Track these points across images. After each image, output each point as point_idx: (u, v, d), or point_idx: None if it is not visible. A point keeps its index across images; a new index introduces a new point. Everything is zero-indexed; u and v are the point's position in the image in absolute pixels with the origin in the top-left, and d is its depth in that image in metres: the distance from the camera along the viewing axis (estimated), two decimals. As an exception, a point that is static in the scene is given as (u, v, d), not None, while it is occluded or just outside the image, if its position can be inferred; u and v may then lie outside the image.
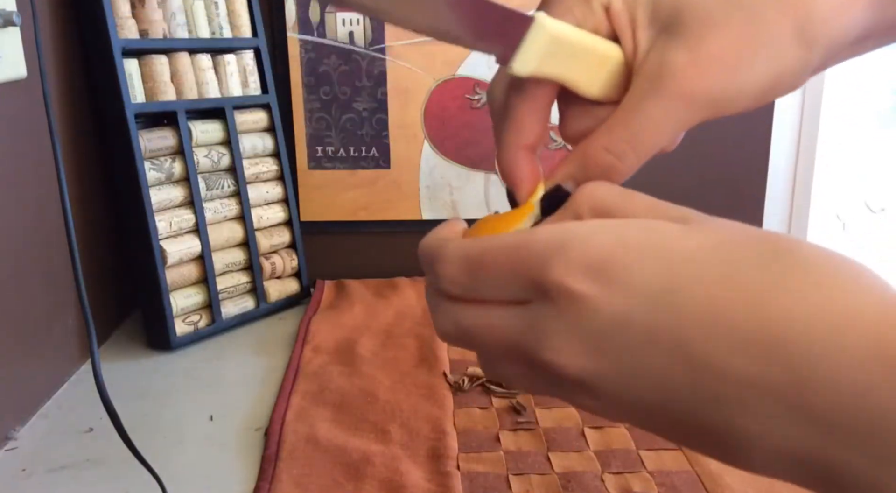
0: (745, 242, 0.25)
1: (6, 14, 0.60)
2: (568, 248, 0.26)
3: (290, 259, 0.93)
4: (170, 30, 0.81)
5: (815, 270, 0.24)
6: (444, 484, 0.55)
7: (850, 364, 0.22)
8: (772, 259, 0.24)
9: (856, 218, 1.14)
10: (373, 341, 0.80)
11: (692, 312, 0.24)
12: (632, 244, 0.25)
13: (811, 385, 0.22)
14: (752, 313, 0.23)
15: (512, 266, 0.27)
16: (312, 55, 0.96)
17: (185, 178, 0.82)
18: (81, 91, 0.79)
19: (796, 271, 0.24)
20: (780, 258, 0.24)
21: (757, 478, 0.56)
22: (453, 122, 0.98)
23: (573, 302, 0.25)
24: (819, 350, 0.22)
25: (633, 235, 0.26)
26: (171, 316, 0.80)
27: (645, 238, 0.26)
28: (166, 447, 0.63)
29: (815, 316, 0.23)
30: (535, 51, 0.31)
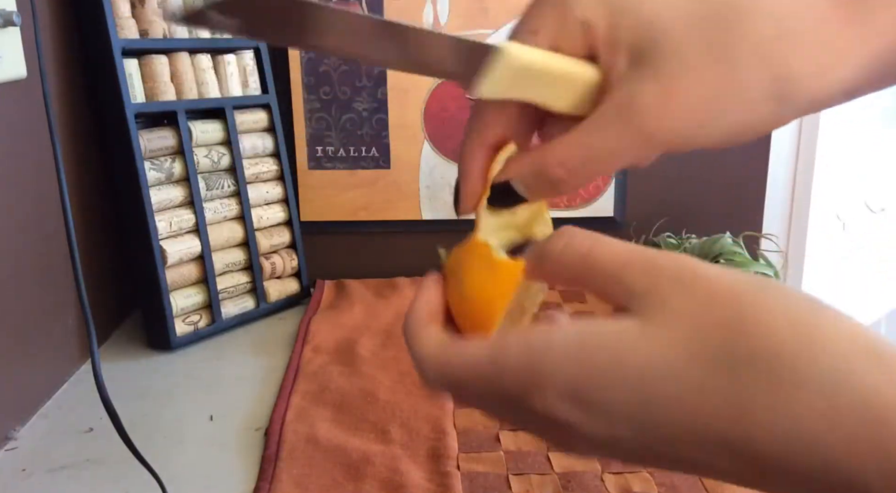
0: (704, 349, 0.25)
1: (6, 14, 0.60)
2: (542, 380, 0.26)
3: (290, 259, 0.93)
4: (170, 30, 0.81)
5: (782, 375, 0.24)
6: (444, 484, 0.55)
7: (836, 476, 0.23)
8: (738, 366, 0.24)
9: (856, 218, 1.14)
10: (373, 341, 0.80)
11: (671, 432, 0.25)
12: (598, 370, 0.26)
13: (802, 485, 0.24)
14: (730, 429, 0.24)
15: (492, 395, 0.28)
16: (312, 55, 0.96)
17: (185, 178, 0.82)
18: (81, 91, 0.79)
19: (763, 381, 0.24)
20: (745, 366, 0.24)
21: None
22: (453, 122, 0.98)
23: (563, 427, 0.27)
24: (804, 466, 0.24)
25: (600, 360, 0.26)
26: (171, 316, 0.80)
27: (610, 362, 0.26)
28: (166, 447, 0.63)
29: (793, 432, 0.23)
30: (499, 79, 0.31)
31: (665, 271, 0.26)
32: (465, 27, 0.95)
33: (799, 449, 0.23)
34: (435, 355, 0.30)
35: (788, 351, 0.24)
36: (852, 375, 0.23)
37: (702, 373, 0.25)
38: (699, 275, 0.26)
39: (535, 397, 0.27)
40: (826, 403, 0.23)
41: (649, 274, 0.27)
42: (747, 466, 0.25)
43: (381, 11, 0.94)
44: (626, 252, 0.28)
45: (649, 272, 0.27)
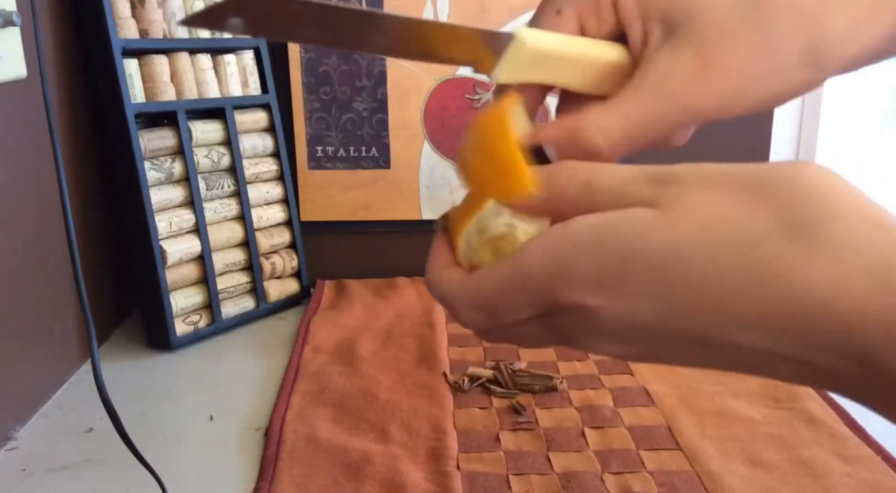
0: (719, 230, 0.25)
1: (6, 14, 0.60)
2: (565, 272, 0.27)
3: (290, 259, 0.93)
4: (170, 30, 0.81)
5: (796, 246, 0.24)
6: (444, 484, 0.55)
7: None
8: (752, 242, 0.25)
9: (856, 218, 1.14)
10: (373, 341, 0.80)
11: (690, 309, 0.26)
12: (617, 254, 0.26)
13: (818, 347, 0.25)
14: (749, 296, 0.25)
15: (522, 300, 0.28)
16: (312, 55, 0.96)
17: (185, 178, 0.82)
18: (81, 91, 0.79)
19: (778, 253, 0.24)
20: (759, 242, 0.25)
21: (756, 478, 0.56)
22: (453, 122, 0.98)
23: (590, 313, 0.27)
24: (815, 331, 0.24)
25: (614, 243, 0.26)
26: (171, 316, 0.80)
27: (626, 244, 0.26)
28: (166, 447, 0.63)
29: (807, 298, 0.24)
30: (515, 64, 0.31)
31: (672, 176, 0.27)
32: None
33: (811, 313, 0.24)
34: (459, 288, 0.30)
35: (804, 221, 0.24)
36: (867, 243, 0.24)
37: (720, 252, 0.25)
38: (710, 173, 0.26)
39: (560, 290, 0.27)
40: (839, 269, 0.24)
41: (655, 179, 0.27)
42: (761, 338, 0.25)
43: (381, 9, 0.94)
44: (628, 170, 0.28)
45: (654, 180, 0.27)
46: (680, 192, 0.26)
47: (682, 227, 0.25)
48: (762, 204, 0.25)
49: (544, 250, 0.27)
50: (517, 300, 0.28)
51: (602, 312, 0.27)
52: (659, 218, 0.26)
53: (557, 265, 0.27)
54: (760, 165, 0.26)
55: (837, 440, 0.60)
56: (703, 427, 0.63)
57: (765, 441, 0.61)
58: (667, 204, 0.26)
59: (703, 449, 0.60)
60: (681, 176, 0.26)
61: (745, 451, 0.60)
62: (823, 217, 0.24)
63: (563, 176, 0.29)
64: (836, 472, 0.56)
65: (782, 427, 0.63)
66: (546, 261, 0.27)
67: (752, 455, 0.59)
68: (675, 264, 0.25)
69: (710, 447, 0.60)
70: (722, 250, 0.25)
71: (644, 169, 0.27)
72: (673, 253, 0.25)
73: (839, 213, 0.24)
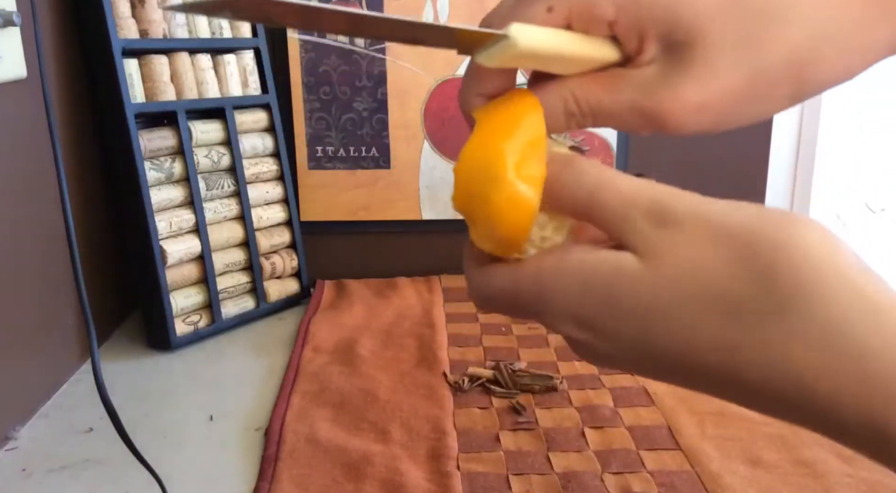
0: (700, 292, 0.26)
1: (6, 14, 0.60)
2: (550, 305, 0.29)
3: (290, 259, 0.93)
4: (170, 30, 0.81)
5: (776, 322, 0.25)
6: (444, 484, 0.55)
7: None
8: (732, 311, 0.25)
9: (856, 218, 1.14)
10: (373, 341, 0.80)
11: (668, 360, 0.27)
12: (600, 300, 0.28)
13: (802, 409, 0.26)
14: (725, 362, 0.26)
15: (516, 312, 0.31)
16: (312, 55, 0.96)
17: (185, 178, 0.82)
18: (81, 91, 0.79)
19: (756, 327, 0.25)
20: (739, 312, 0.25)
21: (756, 477, 0.56)
22: (453, 122, 0.98)
23: (573, 341, 0.30)
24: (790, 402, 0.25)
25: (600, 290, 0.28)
26: (171, 316, 0.80)
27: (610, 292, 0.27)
28: (166, 447, 0.63)
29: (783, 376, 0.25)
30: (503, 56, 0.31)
31: (672, 213, 0.27)
32: (465, 27, 0.95)
33: (787, 390, 0.25)
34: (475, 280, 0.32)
35: (783, 299, 0.25)
36: (845, 326, 0.24)
37: (696, 317, 0.26)
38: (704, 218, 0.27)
39: (544, 317, 0.29)
40: (817, 353, 0.24)
41: (656, 217, 0.27)
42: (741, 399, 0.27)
43: (380, 10, 0.94)
44: (631, 191, 0.28)
45: (656, 215, 0.27)
46: (672, 242, 0.27)
47: (664, 283, 0.26)
48: (746, 271, 0.25)
49: (537, 275, 0.29)
50: (512, 310, 0.31)
51: (585, 344, 0.29)
52: (646, 272, 0.27)
53: (546, 296, 0.29)
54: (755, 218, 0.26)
55: (837, 440, 0.60)
56: (703, 427, 0.63)
57: (765, 441, 0.61)
58: (656, 255, 0.27)
59: (703, 449, 0.60)
60: (678, 219, 0.27)
61: (745, 451, 0.60)
62: (808, 293, 0.24)
63: (573, 176, 0.29)
64: (836, 472, 0.56)
65: (782, 427, 0.63)
66: (536, 288, 0.29)
67: (752, 455, 0.59)
68: (652, 319, 0.27)
69: (710, 447, 0.60)
70: (702, 315, 0.26)
71: (648, 194, 0.28)
72: (654, 311, 0.26)
73: (826, 289, 0.24)
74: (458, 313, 0.88)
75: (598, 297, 0.27)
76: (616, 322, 0.27)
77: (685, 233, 0.26)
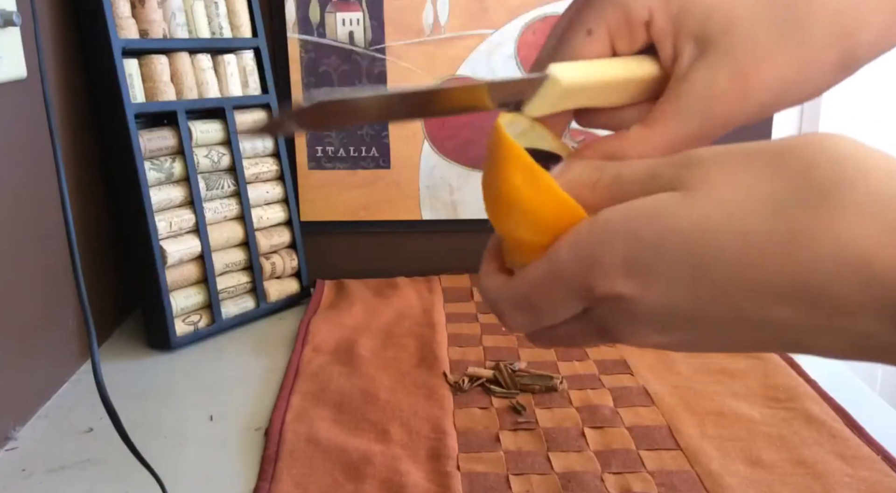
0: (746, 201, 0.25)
1: (6, 14, 0.60)
2: (596, 262, 0.27)
3: (290, 259, 0.93)
4: (170, 30, 0.81)
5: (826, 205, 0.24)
6: (444, 484, 0.55)
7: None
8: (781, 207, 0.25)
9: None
10: (373, 341, 0.80)
11: (725, 287, 0.26)
12: (646, 238, 0.26)
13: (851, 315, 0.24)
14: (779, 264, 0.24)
15: (559, 295, 0.29)
16: (312, 55, 0.96)
17: (185, 178, 0.82)
18: (81, 91, 0.79)
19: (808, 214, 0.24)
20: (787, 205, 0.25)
21: (756, 477, 0.56)
22: (453, 122, 0.98)
23: (625, 301, 0.27)
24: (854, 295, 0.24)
25: (644, 229, 0.26)
26: (171, 316, 0.80)
27: (655, 228, 0.26)
28: (166, 447, 0.63)
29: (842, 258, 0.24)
30: (548, 100, 0.31)
31: (699, 156, 0.27)
32: (465, 27, 0.95)
33: (844, 274, 0.24)
34: (503, 290, 0.31)
35: (829, 181, 0.24)
36: (891, 200, 0.24)
37: (746, 224, 0.25)
38: (731, 151, 0.27)
39: (593, 280, 0.27)
40: (869, 225, 0.23)
41: (679, 162, 0.27)
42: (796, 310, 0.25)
43: (381, 12, 0.94)
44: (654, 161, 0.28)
45: (677, 163, 0.27)
46: (702, 172, 0.26)
47: (706, 205, 0.26)
48: (784, 171, 0.25)
49: (575, 242, 0.28)
50: (555, 296, 0.29)
51: (637, 299, 0.27)
52: (684, 199, 0.26)
53: (588, 256, 0.27)
54: (780, 139, 0.26)
55: (837, 440, 0.60)
56: (703, 427, 0.63)
57: (765, 441, 0.61)
58: (690, 185, 0.26)
59: (703, 449, 0.60)
60: (702, 157, 0.27)
61: (745, 451, 0.60)
62: (848, 176, 0.24)
63: (595, 173, 0.29)
64: (836, 472, 0.56)
65: (782, 427, 0.63)
66: (577, 253, 0.28)
67: (752, 455, 0.59)
68: (703, 243, 0.25)
69: (710, 447, 0.60)
70: (747, 222, 0.25)
71: (670, 158, 0.28)
72: (700, 232, 0.25)
73: (864, 170, 0.24)
74: (458, 313, 0.88)
75: (645, 237, 0.26)
76: (666, 257, 0.26)
77: (715, 164, 0.26)
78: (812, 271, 0.24)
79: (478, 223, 1.01)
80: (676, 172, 0.27)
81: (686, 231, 0.26)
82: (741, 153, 0.26)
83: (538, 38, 0.96)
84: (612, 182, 0.29)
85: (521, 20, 0.95)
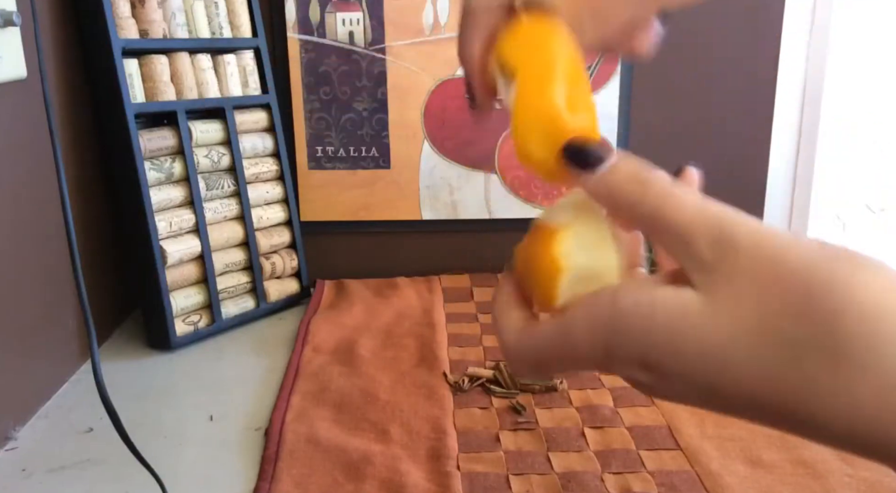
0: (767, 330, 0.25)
1: (6, 14, 0.60)
2: (612, 351, 0.28)
3: (290, 259, 0.93)
4: (170, 30, 0.81)
5: (846, 360, 0.24)
6: (444, 484, 0.55)
7: None
8: (800, 348, 0.24)
9: (856, 218, 1.14)
10: (373, 341, 0.80)
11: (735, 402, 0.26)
12: (663, 346, 0.27)
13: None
14: (791, 402, 0.25)
15: (570, 364, 0.30)
16: (312, 55, 0.96)
17: (185, 178, 0.82)
18: (81, 91, 0.79)
19: (826, 365, 0.24)
20: (808, 349, 0.24)
21: (756, 477, 0.56)
22: (453, 122, 0.98)
23: (639, 383, 0.28)
24: (862, 442, 0.25)
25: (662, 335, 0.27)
26: (171, 316, 0.80)
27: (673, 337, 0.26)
28: (166, 447, 0.63)
29: (855, 415, 0.24)
30: None
31: (734, 244, 0.26)
32: (465, 27, 0.95)
33: (859, 429, 0.24)
34: (514, 343, 0.31)
35: (855, 339, 0.24)
36: None
37: (765, 359, 0.25)
38: (765, 250, 0.26)
39: (607, 362, 0.28)
40: (890, 388, 0.23)
41: (718, 246, 0.26)
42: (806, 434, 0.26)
43: (381, 12, 0.94)
44: (694, 212, 0.27)
45: (718, 244, 0.26)
46: (732, 274, 0.26)
47: (729, 324, 0.25)
48: (812, 314, 0.24)
49: (592, 323, 0.28)
50: (566, 364, 0.30)
51: (652, 385, 0.28)
52: (707, 306, 0.26)
53: (603, 342, 0.28)
54: (818, 254, 0.25)
55: (837, 440, 0.60)
56: (703, 427, 0.63)
57: (765, 441, 0.61)
58: (717, 291, 0.26)
59: (703, 449, 0.60)
60: (738, 249, 0.26)
61: (745, 451, 0.60)
62: (874, 339, 0.24)
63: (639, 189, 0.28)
64: (836, 472, 0.56)
65: (782, 427, 0.63)
66: (593, 335, 0.28)
67: (752, 455, 0.59)
68: (720, 367, 0.26)
69: (710, 447, 0.60)
70: (766, 357, 0.25)
71: (711, 217, 0.27)
72: (718, 354, 0.26)
73: (892, 334, 0.24)
74: (458, 313, 0.88)
75: (662, 345, 0.26)
76: (680, 364, 0.26)
77: (746, 265, 0.26)
78: (822, 418, 0.25)
79: (478, 223, 1.01)
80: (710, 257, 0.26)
81: (704, 347, 0.26)
82: (773, 269, 0.25)
83: (538, 38, 0.96)
84: (650, 216, 0.28)
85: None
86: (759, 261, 0.26)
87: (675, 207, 0.27)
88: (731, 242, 0.26)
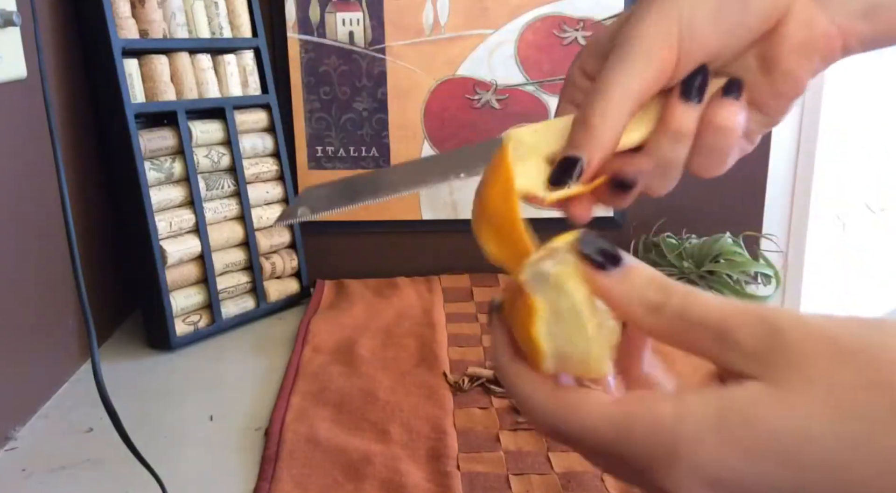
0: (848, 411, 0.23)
1: (6, 14, 0.60)
2: (673, 460, 0.24)
3: (290, 259, 0.93)
4: (170, 30, 0.81)
5: None
6: (444, 484, 0.55)
7: None
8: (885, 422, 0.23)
9: (856, 218, 1.14)
10: (373, 341, 0.80)
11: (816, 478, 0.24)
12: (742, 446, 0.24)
13: None
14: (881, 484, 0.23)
15: (613, 461, 0.26)
16: (312, 55, 0.96)
17: (185, 178, 0.82)
18: (81, 91, 0.79)
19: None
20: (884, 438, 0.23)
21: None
22: (453, 122, 0.98)
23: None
24: None
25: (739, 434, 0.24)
26: (171, 316, 0.80)
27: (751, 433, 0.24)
28: (166, 447, 0.63)
29: None
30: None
31: (778, 327, 0.24)
32: (465, 27, 0.95)
33: None
34: (550, 408, 0.28)
35: None
36: None
37: (845, 436, 0.23)
38: (814, 329, 0.24)
39: (662, 473, 0.25)
40: None
41: (762, 332, 0.24)
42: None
43: (381, 12, 0.94)
44: (726, 305, 0.25)
45: (762, 330, 0.25)
46: (789, 362, 0.24)
47: (804, 405, 0.24)
48: (884, 384, 0.23)
49: (654, 426, 0.25)
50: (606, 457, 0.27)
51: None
52: (777, 394, 0.24)
53: (666, 450, 0.24)
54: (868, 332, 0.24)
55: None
56: (703, 427, 0.63)
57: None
58: (778, 378, 0.24)
59: (703, 449, 0.60)
60: (788, 342, 0.24)
61: (745, 451, 0.59)
62: None
63: (660, 295, 0.26)
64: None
65: (782, 427, 0.62)
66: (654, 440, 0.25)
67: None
68: (804, 449, 0.24)
69: (710, 447, 0.60)
70: (850, 434, 0.23)
71: (741, 306, 0.25)
72: (800, 436, 0.24)
73: None
74: (458, 313, 0.88)
75: (740, 440, 0.24)
76: (764, 466, 0.24)
77: (805, 356, 0.24)
78: None
79: (478, 223, 1.01)
80: (757, 350, 0.24)
81: (783, 435, 0.24)
82: (831, 348, 0.24)
83: (538, 38, 0.96)
84: (678, 317, 0.26)
85: (521, 20, 0.96)
86: (812, 339, 0.24)
87: (702, 304, 0.25)
88: (774, 325, 0.24)
